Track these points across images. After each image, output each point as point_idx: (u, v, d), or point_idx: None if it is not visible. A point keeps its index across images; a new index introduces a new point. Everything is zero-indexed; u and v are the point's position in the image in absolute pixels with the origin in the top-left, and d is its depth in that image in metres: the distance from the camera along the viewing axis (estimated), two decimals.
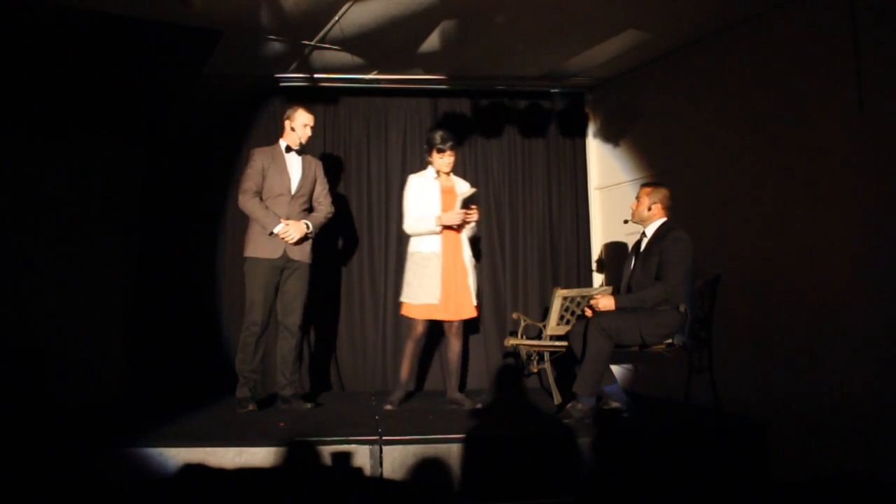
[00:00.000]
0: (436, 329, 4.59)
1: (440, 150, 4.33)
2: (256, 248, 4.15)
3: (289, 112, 4.28)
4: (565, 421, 3.69)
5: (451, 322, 4.36)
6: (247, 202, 4.16)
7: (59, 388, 4.26)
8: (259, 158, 4.21)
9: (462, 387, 4.93)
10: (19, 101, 4.12)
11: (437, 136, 4.35)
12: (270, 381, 4.75)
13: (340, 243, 5.47)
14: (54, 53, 4.07)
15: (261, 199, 4.17)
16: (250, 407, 4.09)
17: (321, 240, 4.44)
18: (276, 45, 4.58)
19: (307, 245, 4.25)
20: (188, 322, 5.22)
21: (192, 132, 5.34)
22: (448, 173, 4.43)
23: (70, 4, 3.73)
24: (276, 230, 4.10)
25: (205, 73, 4.73)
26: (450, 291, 4.28)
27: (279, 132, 5.43)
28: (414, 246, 4.35)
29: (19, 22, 3.77)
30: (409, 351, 4.35)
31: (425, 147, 4.46)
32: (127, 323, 4.99)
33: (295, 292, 4.24)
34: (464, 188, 4.43)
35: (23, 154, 4.15)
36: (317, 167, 4.41)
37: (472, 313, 4.40)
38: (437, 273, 4.25)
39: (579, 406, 3.73)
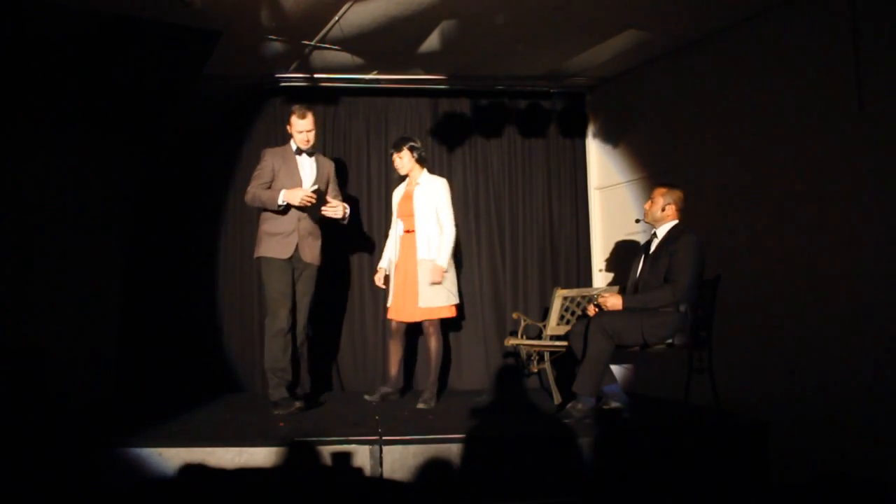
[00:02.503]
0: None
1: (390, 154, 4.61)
2: (269, 248, 4.14)
3: (289, 116, 4.27)
4: (565, 421, 3.69)
5: (422, 323, 4.46)
6: (249, 191, 4.16)
7: (58, 388, 4.26)
8: (270, 158, 4.23)
9: (443, 387, 5.00)
10: (18, 100, 4.12)
11: None
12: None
13: (340, 243, 5.47)
14: (54, 53, 4.06)
15: None
16: (297, 405, 4.02)
17: (325, 240, 4.43)
18: (276, 45, 4.58)
19: (317, 247, 4.27)
20: (188, 322, 5.22)
21: (192, 132, 5.34)
22: (404, 176, 4.59)
23: (70, 4, 3.73)
24: (281, 199, 4.07)
25: (205, 73, 4.73)
26: (400, 295, 4.45)
27: (280, 132, 5.43)
28: None
29: (19, 21, 3.77)
30: (389, 349, 4.61)
31: None
32: (126, 322, 4.99)
33: (302, 292, 4.23)
34: (425, 190, 4.46)
35: (21, 154, 4.15)
36: (330, 168, 4.43)
37: (420, 316, 4.39)
38: (392, 278, 4.55)
39: (579, 406, 3.72)
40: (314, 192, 4.10)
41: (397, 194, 4.65)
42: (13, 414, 3.80)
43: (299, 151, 4.26)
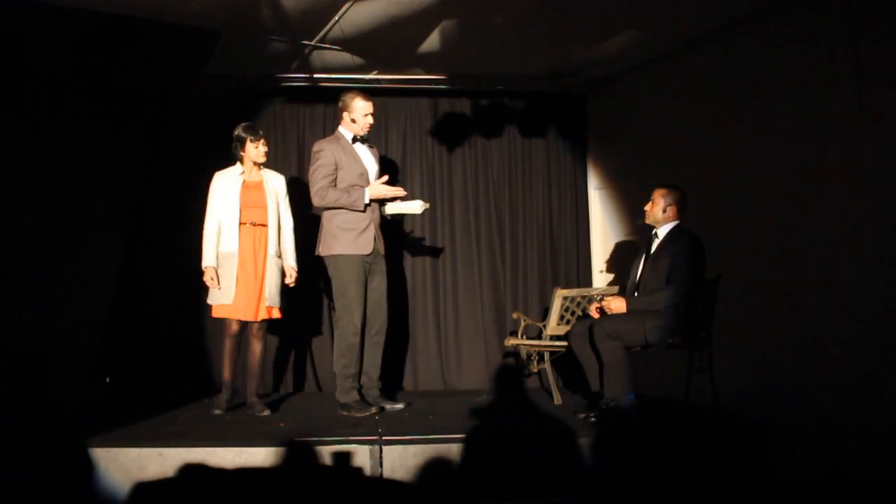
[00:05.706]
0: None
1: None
2: (346, 244, 3.93)
3: (345, 101, 4.06)
4: (590, 418, 3.71)
5: (251, 323, 4.19)
6: (326, 195, 3.91)
7: (58, 387, 4.25)
8: (329, 151, 3.99)
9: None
10: (18, 101, 4.12)
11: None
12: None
13: None
14: (54, 53, 4.07)
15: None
16: (372, 410, 3.90)
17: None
18: (276, 45, 4.58)
19: (382, 237, 4.12)
20: (188, 322, 5.22)
21: (192, 132, 5.34)
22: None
23: (70, 4, 3.73)
24: (367, 199, 3.91)
25: (205, 73, 4.73)
26: (246, 291, 4.11)
27: (279, 131, 5.37)
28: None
29: (18, 21, 3.77)
30: (227, 349, 4.22)
31: None
32: (126, 322, 4.99)
33: (382, 289, 4.08)
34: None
35: (21, 154, 4.15)
36: (378, 155, 4.28)
37: (267, 315, 4.15)
38: (232, 273, 4.13)
39: (622, 407, 3.72)
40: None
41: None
42: (11, 414, 3.80)
43: (354, 139, 4.08)
